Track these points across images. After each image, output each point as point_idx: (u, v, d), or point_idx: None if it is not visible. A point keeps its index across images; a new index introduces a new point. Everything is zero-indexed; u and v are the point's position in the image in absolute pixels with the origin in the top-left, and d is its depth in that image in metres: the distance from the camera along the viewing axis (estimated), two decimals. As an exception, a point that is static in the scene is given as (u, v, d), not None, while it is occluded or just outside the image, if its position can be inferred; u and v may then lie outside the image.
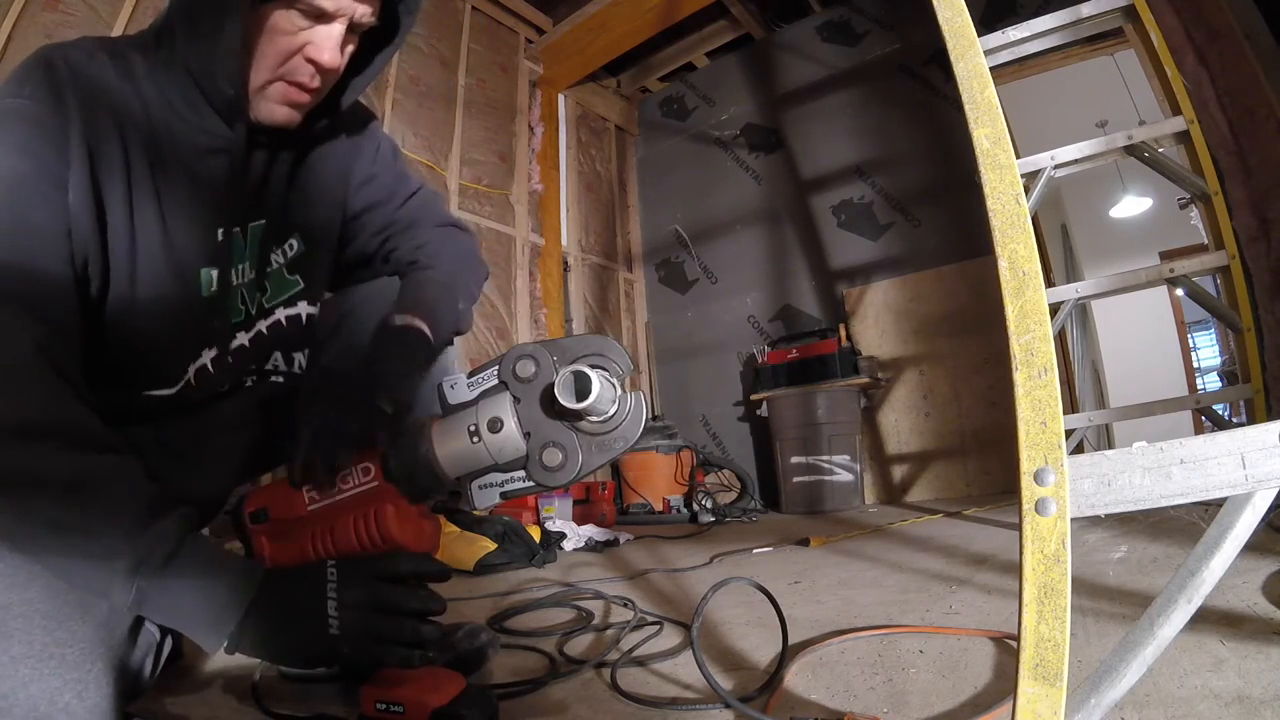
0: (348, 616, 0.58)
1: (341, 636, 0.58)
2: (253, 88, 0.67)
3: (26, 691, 0.53)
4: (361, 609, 0.59)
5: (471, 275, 0.92)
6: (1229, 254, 1.51)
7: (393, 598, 0.60)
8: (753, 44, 4.09)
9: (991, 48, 1.64)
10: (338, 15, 0.65)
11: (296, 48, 0.66)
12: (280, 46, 0.65)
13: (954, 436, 3.06)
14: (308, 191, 0.81)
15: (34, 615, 0.55)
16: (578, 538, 2.27)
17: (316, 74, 0.67)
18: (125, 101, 0.65)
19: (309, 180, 0.81)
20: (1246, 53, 1.44)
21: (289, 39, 0.65)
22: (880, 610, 1.06)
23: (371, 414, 0.67)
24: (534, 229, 3.64)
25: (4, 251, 0.58)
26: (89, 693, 0.56)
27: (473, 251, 0.95)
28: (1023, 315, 0.44)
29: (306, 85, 0.68)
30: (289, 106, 0.69)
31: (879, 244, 3.46)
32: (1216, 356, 6.13)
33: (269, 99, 0.69)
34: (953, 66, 0.51)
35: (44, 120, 0.60)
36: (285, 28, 0.65)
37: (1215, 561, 0.40)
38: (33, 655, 0.54)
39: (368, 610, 0.59)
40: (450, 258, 0.90)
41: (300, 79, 0.67)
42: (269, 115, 0.70)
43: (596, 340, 0.58)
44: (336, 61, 0.67)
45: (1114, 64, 3.31)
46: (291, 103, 0.69)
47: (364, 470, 0.64)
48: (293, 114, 0.70)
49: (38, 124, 0.60)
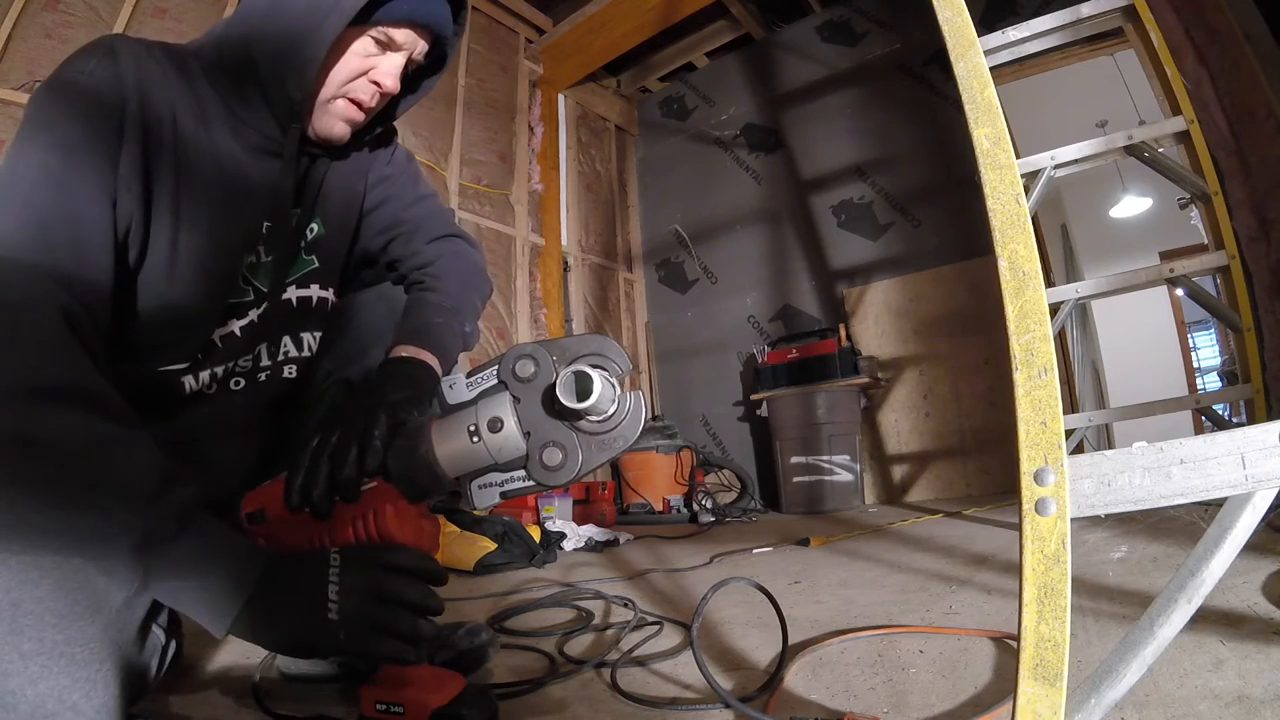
0: (348, 602, 0.58)
1: (340, 622, 0.58)
2: (319, 102, 0.74)
3: (35, 688, 0.53)
4: (362, 595, 0.59)
5: (478, 294, 0.95)
6: (1229, 254, 1.51)
7: (394, 588, 0.60)
8: (753, 44, 4.09)
9: (991, 48, 1.65)
10: (404, 48, 0.75)
11: (364, 70, 0.74)
12: (351, 67, 0.73)
13: (954, 436, 3.06)
14: (333, 182, 0.86)
15: (45, 613, 0.55)
16: (578, 538, 2.27)
17: (377, 94, 0.76)
18: (180, 93, 0.69)
19: (334, 175, 0.86)
20: (1246, 53, 1.44)
21: (360, 61, 0.73)
22: (880, 610, 1.06)
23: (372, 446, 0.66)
24: (534, 229, 3.64)
25: (46, 219, 0.59)
26: (97, 692, 0.56)
27: (480, 268, 0.97)
28: (1023, 315, 0.44)
29: (365, 104, 0.76)
30: (345, 123, 0.77)
31: (879, 244, 3.46)
32: (1216, 356, 6.13)
33: (331, 113, 0.76)
34: (953, 66, 0.51)
35: (103, 94, 0.64)
36: (359, 51, 0.73)
37: (1215, 561, 0.40)
38: (43, 653, 0.54)
39: (368, 598, 0.59)
40: (457, 278, 0.92)
41: (360, 97, 0.75)
42: (327, 129, 0.76)
43: (595, 340, 0.58)
44: (396, 88, 0.76)
45: (1114, 64, 3.31)
46: (349, 119, 0.77)
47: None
48: (347, 130, 0.78)
49: (96, 96, 0.63)
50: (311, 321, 0.87)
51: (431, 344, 0.81)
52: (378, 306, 0.92)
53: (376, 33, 0.72)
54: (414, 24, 0.74)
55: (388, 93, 0.76)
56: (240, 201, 0.74)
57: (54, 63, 0.67)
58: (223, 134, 0.72)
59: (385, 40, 0.73)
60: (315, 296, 0.86)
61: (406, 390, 0.74)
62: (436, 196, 0.98)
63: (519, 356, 0.58)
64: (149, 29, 2.26)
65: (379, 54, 0.74)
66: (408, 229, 0.93)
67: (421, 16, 0.74)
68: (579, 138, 4.15)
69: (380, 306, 0.92)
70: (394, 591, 0.60)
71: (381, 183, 0.91)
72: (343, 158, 0.85)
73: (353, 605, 0.58)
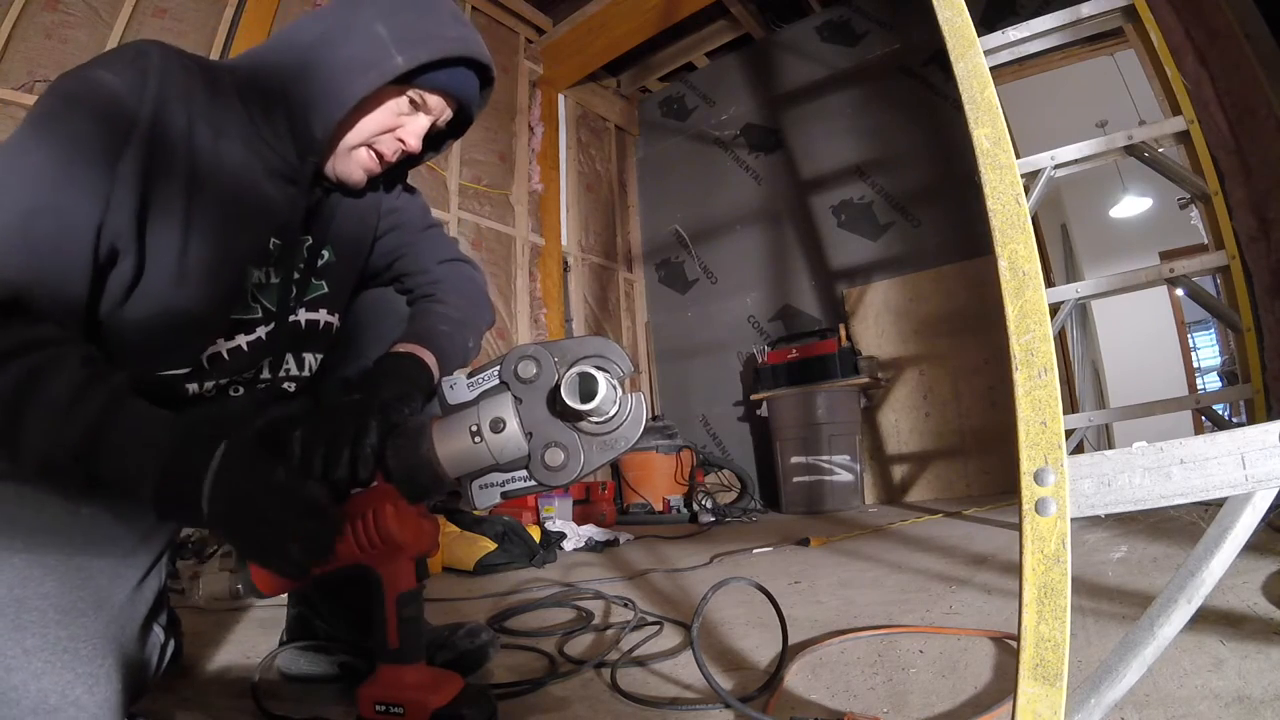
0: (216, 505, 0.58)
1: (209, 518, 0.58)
2: (343, 145, 0.76)
3: (39, 684, 0.54)
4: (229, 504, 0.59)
5: (483, 318, 0.97)
6: (1229, 254, 1.51)
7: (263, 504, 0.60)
8: (753, 44, 4.09)
9: (991, 48, 1.65)
10: (434, 113, 0.78)
11: (391, 126, 0.77)
12: (381, 121, 0.76)
13: (954, 436, 3.06)
14: (346, 213, 0.88)
15: (48, 609, 0.56)
16: (578, 538, 2.27)
17: (400, 151, 0.79)
18: (203, 106, 0.70)
19: (348, 207, 0.88)
20: (1246, 53, 1.44)
21: (391, 118, 0.76)
22: (880, 610, 1.06)
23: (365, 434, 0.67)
24: (534, 229, 3.64)
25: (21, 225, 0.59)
26: (99, 687, 0.57)
27: (485, 295, 1.00)
28: (1023, 315, 0.44)
29: (386, 157, 0.79)
30: (364, 171, 0.79)
31: (879, 244, 3.46)
32: (1216, 356, 6.13)
33: (353, 160, 0.77)
34: (953, 66, 0.51)
35: (121, 98, 0.64)
36: (392, 109, 0.75)
37: (1215, 561, 0.40)
38: (46, 648, 0.55)
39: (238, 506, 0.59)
40: (464, 296, 0.94)
41: (383, 150, 0.78)
42: (346, 174, 0.78)
43: (597, 342, 0.58)
44: (419, 148, 0.80)
45: (1114, 64, 3.31)
46: (368, 169, 0.79)
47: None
48: (364, 178, 0.80)
49: (113, 99, 0.63)
50: (316, 344, 0.87)
51: (433, 346, 0.83)
52: (379, 307, 0.93)
53: (414, 94, 0.75)
54: (448, 93, 0.78)
55: (410, 151, 0.79)
56: (250, 216, 0.75)
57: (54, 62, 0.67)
58: (241, 150, 0.73)
59: (419, 103, 0.76)
60: (323, 320, 0.87)
61: (400, 387, 0.75)
62: (443, 226, 1.02)
63: (521, 358, 0.59)
64: (149, 29, 2.26)
65: (410, 114, 0.77)
66: (414, 250, 0.95)
67: (455, 88, 0.78)
68: (579, 138, 4.15)
69: (382, 307, 0.93)
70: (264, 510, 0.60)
71: (393, 212, 0.94)
72: (356, 196, 0.87)
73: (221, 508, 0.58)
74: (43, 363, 0.57)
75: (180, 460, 0.59)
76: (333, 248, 0.87)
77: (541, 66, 3.84)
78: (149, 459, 0.58)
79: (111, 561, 0.64)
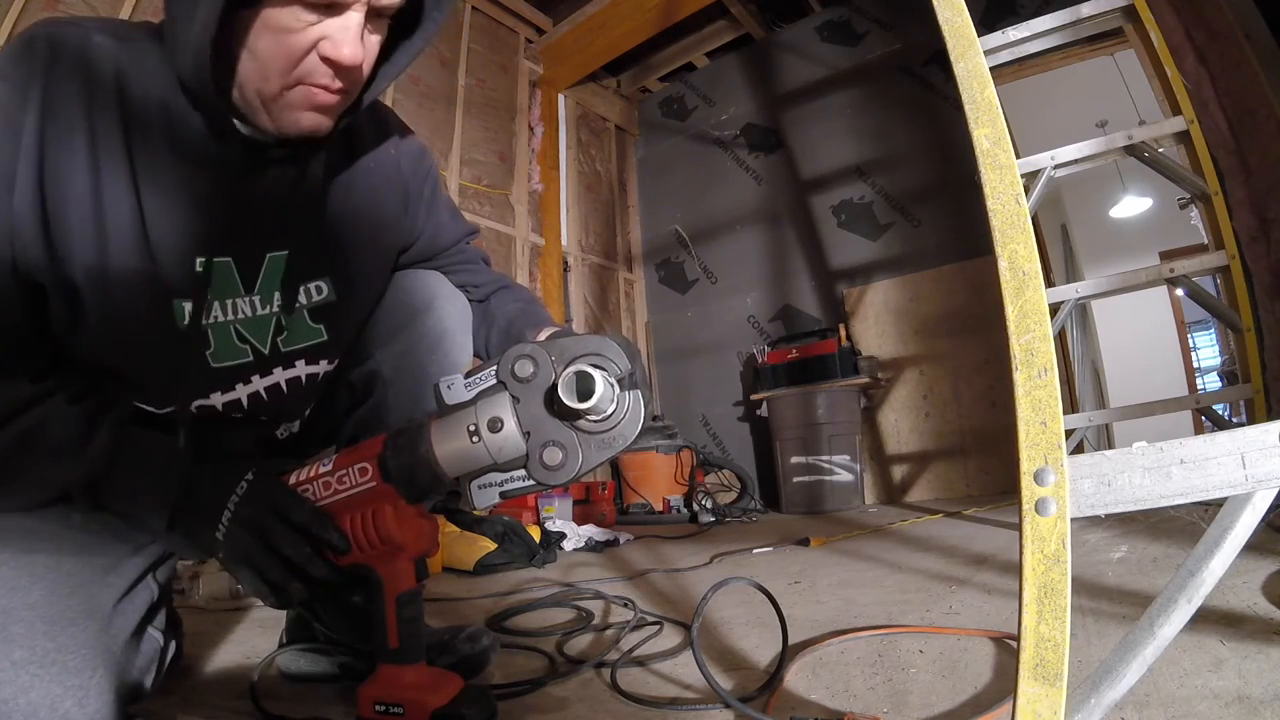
0: (233, 530, 0.59)
1: (222, 543, 0.59)
2: (267, 97, 0.57)
3: (27, 697, 0.53)
4: (246, 530, 0.60)
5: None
6: (1229, 254, 1.51)
7: (277, 538, 0.60)
8: (753, 44, 4.09)
9: (991, 48, 1.65)
10: (350, 3, 0.55)
11: (308, 46, 0.55)
12: (288, 47, 0.54)
13: (954, 436, 3.06)
14: (344, 227, 0.72)
15: (36, 620, 0.55)
16: (578, 538, 2.27)
17: (335, 75, 0.57)
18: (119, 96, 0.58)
19: (348, 214, 0.72)
20: (1246, 53, 1.44)
21: (297, 37, 0.54)
22: (880, 610, 1.06)
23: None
24: (534, 229, 3.64)
25: None
26: (89, 700, 0.55)
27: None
28: (1023, 315, 0.44)
29: (329, 86, 0.58)
30: (315, 111, 0.59)
31: (879, 244, 3.46)
32: (1216, 356, 6.13)
33: (291, 107, 0.58)
34: (953, 66, 0.51)
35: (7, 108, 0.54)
36: (289, 24, 0.54)
37: (1215, 561, 0.40)
38: (34, 660, 0.53)
39: (252, 533, 0.60)
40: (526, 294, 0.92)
41: (320, 81, 0.57)
42: (294, 125, 0.59)
43: (594, 340, 0.58)
44: (358, 57, 0.56)
45: (1114, 64, 3.31)
46: (316, 106, 0.59)
47: (361, 471, 0.64)
48: (320, 119, 0.60)
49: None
50: (312, 398, 0.82)
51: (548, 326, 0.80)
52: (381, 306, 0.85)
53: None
54: None
55: (348, 65, 0.56)
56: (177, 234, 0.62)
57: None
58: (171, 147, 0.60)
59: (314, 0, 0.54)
60: (323, 373, 0.78)
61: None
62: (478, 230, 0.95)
63: (518, 357, 0.58)
64: (149, 29, 2.26)
65: (319, 20, 0.54)
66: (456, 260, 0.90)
67: None
68: (579, 138, 4.15)
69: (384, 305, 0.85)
70: (276, 541, 0.60)
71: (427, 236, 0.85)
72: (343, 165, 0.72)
73: (236, 535, 0.59)
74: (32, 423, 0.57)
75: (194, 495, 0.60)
76: (331, 281, 0.73)
77: (541, 66, 3.84)
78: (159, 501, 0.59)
79: (101, 567, 0.63)
